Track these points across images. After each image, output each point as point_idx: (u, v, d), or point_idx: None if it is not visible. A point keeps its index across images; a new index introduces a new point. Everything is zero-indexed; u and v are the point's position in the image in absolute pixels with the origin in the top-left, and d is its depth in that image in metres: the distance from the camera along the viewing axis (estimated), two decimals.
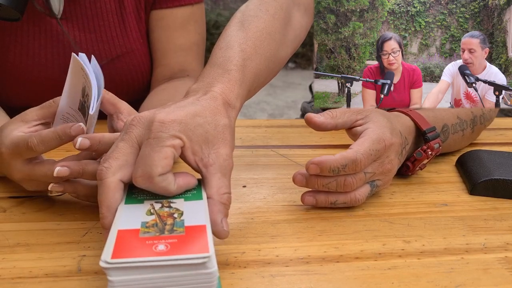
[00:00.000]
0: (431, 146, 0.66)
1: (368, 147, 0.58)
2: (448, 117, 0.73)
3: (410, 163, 0.67)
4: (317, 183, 0.59)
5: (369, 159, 0.58)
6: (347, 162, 0.57)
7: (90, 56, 0.60)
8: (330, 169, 0.57)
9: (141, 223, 0.44)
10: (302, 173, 0.59)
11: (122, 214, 0.46)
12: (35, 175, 0.57)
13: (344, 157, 0.57)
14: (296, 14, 0.71)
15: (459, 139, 0.77)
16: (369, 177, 0.60)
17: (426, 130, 0.66)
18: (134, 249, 0.40)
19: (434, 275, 0.49)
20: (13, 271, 0.48)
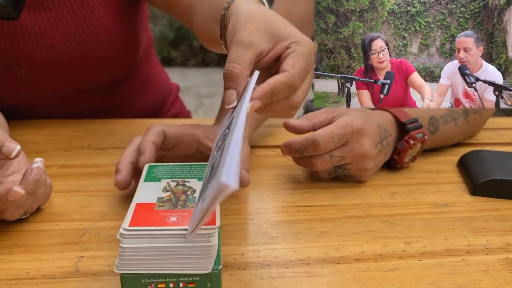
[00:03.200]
0: (412, 135, 0.68)
1: (330, 131, 0.63)
2: (436, 109, 0.75)
3: (396, 155, 0.69)
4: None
5: (331, 142, 0.62)
6: (307, 143, 0.62)
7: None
8: (294, 150, 0.64)
9: (157, 198, 0.48)
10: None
11: (141, 190, 0.50)
12: None
13: (305, 139, 0.63)
14: None
15: (453, 130, 0.77)
16: (336, 160, 0.63)
17: (405, 122, 0.68)
18: (149, 219, 0.44)
19: (435, 276, 0.49)
20: (10, 272, 0.48)
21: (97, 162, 0.76)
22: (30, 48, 0.89)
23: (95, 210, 0.61)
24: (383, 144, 0.67)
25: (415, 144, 0.69)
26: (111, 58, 0.94)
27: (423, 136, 0.69)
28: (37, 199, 0.57)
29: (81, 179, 0.70)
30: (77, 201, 0.63)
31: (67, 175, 0.71)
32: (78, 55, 0.91)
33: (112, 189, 0.66)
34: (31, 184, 0.52)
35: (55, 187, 0.67)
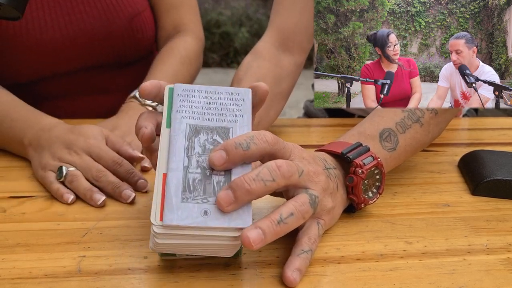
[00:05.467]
0: (357, 164, 0.55)
1: (268, 132, 0.51)
2: (386, 119, 0.63)
3: (351, 194, 0.57)
4: (245, 179, 0.46)
5: (277, 139, 0.49)
6: (253, 133, 0.49)
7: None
8: (236, 143, 0.47)
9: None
10: (224, 188, 0.47)
11: (165, 148, 0.49)
12: None
13: (247, 133, 0.49)
14: (285, 59, 0.84)
15: (423, 132, 0.64)
16: (300, 169, 0.50)
17: (343, 152, 0.56)
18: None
19: (436, 276, 0.49)
20: (12, 272, 0.48)
21: None
22: (62, 22, 0.93)
23: (97, 209, 0.61)
24: (330, 173, 0.54)
25: (367, 172, 0.56)
26: (136, 34, 0.99)
27: (373, 159, 0.57)
28: None
29: None
30: (79, 201, 0.63)
31: None
32: (106, 29, 0.95)
33: None
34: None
35: None
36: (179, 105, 0.50)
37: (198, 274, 0.49)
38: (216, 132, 0.49)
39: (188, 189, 0.46)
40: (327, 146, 0.59)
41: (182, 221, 0.44)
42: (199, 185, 0.46)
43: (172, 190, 0.46)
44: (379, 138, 0.61)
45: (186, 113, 0.50)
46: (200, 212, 0.45)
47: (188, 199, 0.45)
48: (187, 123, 0.49)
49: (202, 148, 0.48)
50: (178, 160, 0.47)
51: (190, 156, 0.48)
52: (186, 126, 0.49)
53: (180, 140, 0.48)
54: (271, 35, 0.86)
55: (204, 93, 0.51)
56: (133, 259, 0.51)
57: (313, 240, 0.50)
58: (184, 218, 0.44)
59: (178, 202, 0.45)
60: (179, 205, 0.45)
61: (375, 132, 0.62)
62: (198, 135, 0.49)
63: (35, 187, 0.67)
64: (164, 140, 0.49)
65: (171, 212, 0.44)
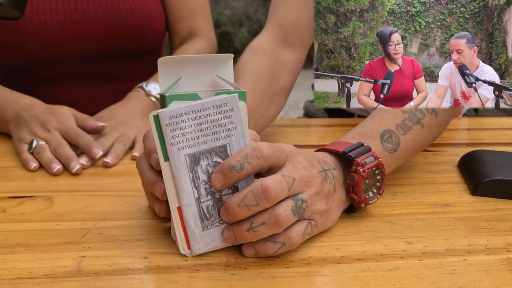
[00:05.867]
0: (359, 163, 0.55)
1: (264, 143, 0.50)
2: (387, 120, 0.63)
3: (352, 193, 0.56)
4: (231, 204, 0.49)
5: (273, 150, 0.50)
6: (247, 151, 0.49)
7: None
8: (230, 166, 0.48)
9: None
10: (229, 228, 0.51)
11: (170, 180, 0.50)
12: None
13: (242, 150, 0.49)
14: (285, 54, 0.82)
15: (423, 133, 0.64)
16: (290, 181, 0.49)
17: (345, 150, 0.56)
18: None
19: (436, 276, 0.49)
20: (12, 272, 0.48)
21: (99, 162, 0.76)
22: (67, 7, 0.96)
23: (97, 209, 0.61)
24: (327, 175, 0.54)
25: (368, 172, 0.56)
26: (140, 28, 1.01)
27: (374, 159, 0.57)
28: None
29: (83, 179, 0.70)
30: (79, 201, 0.63)
31: (70, 174, 0.72)
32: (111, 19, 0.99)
33: (114, 189, 0.67)
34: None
35: (57, 187, 0.68)
36: (171, 137, 0.48)
37: (198, 274, 0.49)
38: (215, 154, 0.50)
39: (205, 218, 0.50)
40: (328, 146, 0.59)
41: (208, 246, 0.51)
42: (213, 210, 0.50)
43: (191, 224, 0.50)
44: (380, 139, 0.61)
45: (181, 144, 0.48)
46: (220, 232, 0.51)
47: (208, 226, 0.50)
48: (185, 154, 0.49)
49: (206, 174, 0.50)
50: (189, 194, 0.49)
51: (198, 186, 0.50)
52: (185, 158, 0.49)
53: (184, 174, 0.49)
54: (270, 31, 0.85)
55: (192, 114, 0.48)
56: (133, 259, 0.51)
57: (292, 235, 0.50)
58: (209, 243, 0.51)
59: (200, 232, 0.50)
60: (202, 234, 0.50)
61: (376, 133, 0.61)
62: (199, 162, 0.49)
63: (35, 187, 0.67)
64: (167, 174, 0.49)
65: (197, 243, 0.50)
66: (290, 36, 0.83)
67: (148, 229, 0.57)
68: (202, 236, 0.50)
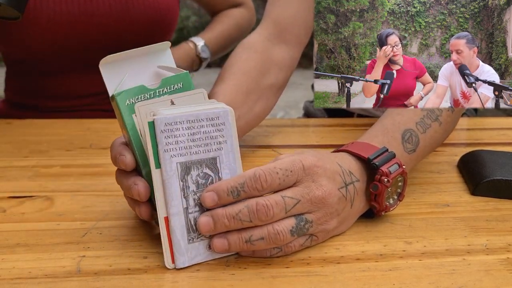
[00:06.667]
0: (384, 172, 0.54)
1: (274, 165, 0.49)
2: (406, 118, 0.62)
3: (374, 201, 0.56)
4: (226, 214, 0.48)
5: (275, 178, 0.48)
6: (244, 179, 0.48)
7: None
8: (227, 191, 0.48)
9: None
10: (207, 213, 0.49)
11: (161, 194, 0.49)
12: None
13: (241, 175, 0.49)
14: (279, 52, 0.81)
15: (438, 132, 0.65)
16: (290, 203, 0.49)
17: (370, 157, 0.55)
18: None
19: (436, 276, 0.49)
20: (12, 272, 0.48)
21: (99, 162, 0.76)
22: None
23: (97, 209, 0.61)
24: (348, 190, 0.53)
25: (392, 181, 0.55)
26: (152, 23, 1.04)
27: (399, 167, 0.55)
28: None
29: (83, 178, 0.70)
30: (79, 201, 0.63)
31: (69, 174, 0.72)
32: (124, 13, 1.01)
33: (114, 189, 0.67)
34: None
35: (57, 187, 0.67)
36: (165, 143, 0.48)
37: (198, 274, 0.49)
38: (205, 165, 0.50)
39: (192, 229, 0.49)
40: (353, 147, 0.57)
41: (192, 260, 0.50)
42: None
43: (178, 234, 0.49)
44: (401, 139, 0.60)
45: (174, 151, 0.49)
46: (205, 247, 0.50)
47: (194, 239, 0.50)
48: (177, 161, 0.49)
49: (196, 184, 0.50)
50: (177, 203, 0.49)
51: (187, 196, 0.49)
52: (177, 166, 0.49)
53: (174, 182, 0.49)
54: (265, 27, 0.83)
55: (186, 124, 0.49)
56: (133, 259, 0.51)
57: (290, 246, 0.50)
58: (194, 257, 0.50)
59: (185, 245, 0.49)
60: (187, 247, 0.49)
61: (398, 133, 0.61)
62: (189, 172, 0.49)
63: (34, 187, 0.67)
64: (157, 182, 0.49)
65: (182, 255, 0.49)
66: (286, 33, 0.82)
67: (148, 229, 0.57)
68: (187, 249, 0.49)
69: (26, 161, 0.76)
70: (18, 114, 1.11)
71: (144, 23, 1.03)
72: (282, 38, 0.82)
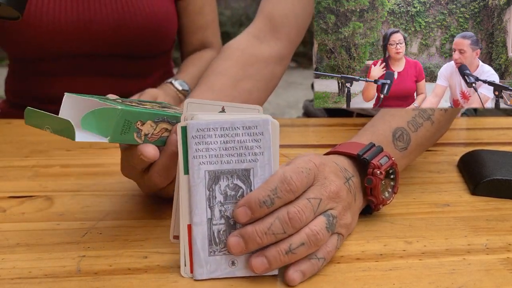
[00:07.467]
0: (375, 165, 0.55)
1: (294, 166, 0.48)
2: (398, 118, 0.63)
3: (371, 196, 0.56)
4: (257, 232, 0.46)
5: (302, 177, 0.48)
6: (276, 184, 0.46)
7: None
8: (260, 202, 0.46)
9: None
10: (235, 233, 0.47)
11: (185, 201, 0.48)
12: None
13: (270, 181, 0.47)
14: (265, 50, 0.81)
15: (433, 129, 0.65)
16: (315, 203, 0.48)
17: (359, 153, 0.56)
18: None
19: (436, 276, 0.49)
20: (12, 272, 0.48)
21: (99, 161, 0.76)
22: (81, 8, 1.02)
23: (97, 209, 0.61)
24: (350, 184, 0.53)
25: (385, 173, 0.56)
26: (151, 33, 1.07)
27: (388, 159, 0.57)
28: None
29: (83, 178, 0.70)
30: (79, 201, 0.63)
31: (69, 174, 0.72)
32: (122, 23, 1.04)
33: (114, 189, 0.67)
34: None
35: (57, 186, 0.68)
36: (195, 149, 0.47)
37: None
38: (237, 176, 0.47)
39: (214, 242, 0.47)
40: (341, 148, 0.58)
41: (212, 274, 0.47)
42: (224, 236, 0.47)
43: (199, 245, 0.47)
44: (392, 137, 0.61)
45: (204, 158, 0.47)
46: (228, 263, 0.47)
47: (215, 252, 0.47)
48: (205, 169, 0.47)
49: (224, 195, 0.47)
50: (201, 212, 0.47)
51: (212, 206, 0.47)
52: (205, 174, 0.47)
53: (200, 190, 0.47)
54: (257, 24, 0.83)
55: (219, 131, 0.47)
56: (133, 259, 0.51)
57: (329, 249, 0.49)
58: (213, 271, 0.47)
59: (206, 257, 0.47)
60: (207, 259, 0.47)
61: (388, 132, 0.61)
62: (218, 181, 0.47)
63: (35, 187, 0.67)
64: (184, 188, 0.47)
65: (201, 267, 0.47)
66: (277, 30, 0.82)
67: (148, 229, 0.57)
68: (207, 261, 0.47)
69: (26, 161, 0.76)
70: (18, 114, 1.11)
71: (141, 31, 1.06)
72: (273, 35, 0.82)
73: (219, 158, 0.47)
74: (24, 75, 1.11)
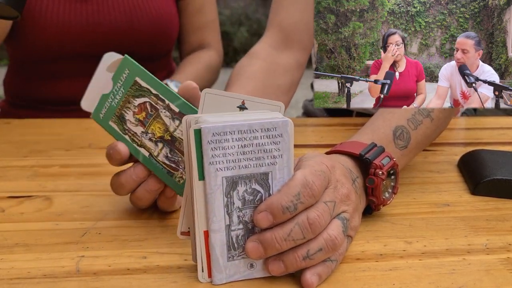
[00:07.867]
0: (377, 165, 0.55)
1: (312, 169, 0.48)
2: (397, 116, 0.63)
3: (372, 196, 0.56)
4: (276, 239, 0.45)
5: (322, 180, 0.47)
6: (298, 189, 0.45)
7: None
8: (283, 208, 0.45)
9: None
10: (254, 239, 0.46)
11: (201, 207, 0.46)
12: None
13: (292, 186, 0.46)
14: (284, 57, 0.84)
15: (433, 127, 0.66)
16: (331, 207, 0.48)
17: (361, 153, 0.56)
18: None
19: (436, 276, 0.49)
20: (11, 272, 0.48)
21: (98, 161, 0.76)
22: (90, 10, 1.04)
23: (96, 209, 0.61)
24: (356, 186, 0.53)
25: (387, 173, 0.56)
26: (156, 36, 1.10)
27: (390, 159, 0.57)
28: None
29: (82, 178, 0.70)
30: (78, 201, 0.63)
31: (68, 174, 0.71)
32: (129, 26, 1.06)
33: None
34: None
35: (56, 186, 0.67)
36: (211, 155, 0.44)
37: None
38: (255, 180, 0.45)
39: (233, 247, 0.46)
40: (342, 147, 0.57)
41: (230, 278, 0.47)
42: (243, 240, 0.46)
43: (217, 251, 0.46)
44: (393, 136, 0.61)
45: (220, 164, 0.44)
46: (246, 266, 0.47)
47: (234, 256, 0.47)
48: (223, 176, 0.44)
49: (242, 201, 0.46)
50: (219, 220, 0.45)
51: (230, 213, 0.46)
52: (222, 180, 0.45)
53: (218, 197, 0.45)
54: (270, 35, 0.86)
55: (237, 134, 0.44)
56: (132, 259, 0.51)
57: (341, 251, 0.49)
58: (232, 274, 0.47)
59: (225, 262, 0.46)
60: (226, 265, 0.46)
61: (388, 130, 0.62)
62: (236, 187, 0.45)
63: (34, 187, 0.67)
64: (199, 194, 0.45)
65: (220, 273, 0.46)
66: (290, 39, 0.84)
67: (147, 229, 0.56)
68: (226, 266, 0.46)
69: (25, 161, 0.76)
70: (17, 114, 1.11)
71: (147, 34, 1.08)
72: (287, 45, 0.84)
73: (236, 163, 0.45)
74: (26, 76, 1.12)
